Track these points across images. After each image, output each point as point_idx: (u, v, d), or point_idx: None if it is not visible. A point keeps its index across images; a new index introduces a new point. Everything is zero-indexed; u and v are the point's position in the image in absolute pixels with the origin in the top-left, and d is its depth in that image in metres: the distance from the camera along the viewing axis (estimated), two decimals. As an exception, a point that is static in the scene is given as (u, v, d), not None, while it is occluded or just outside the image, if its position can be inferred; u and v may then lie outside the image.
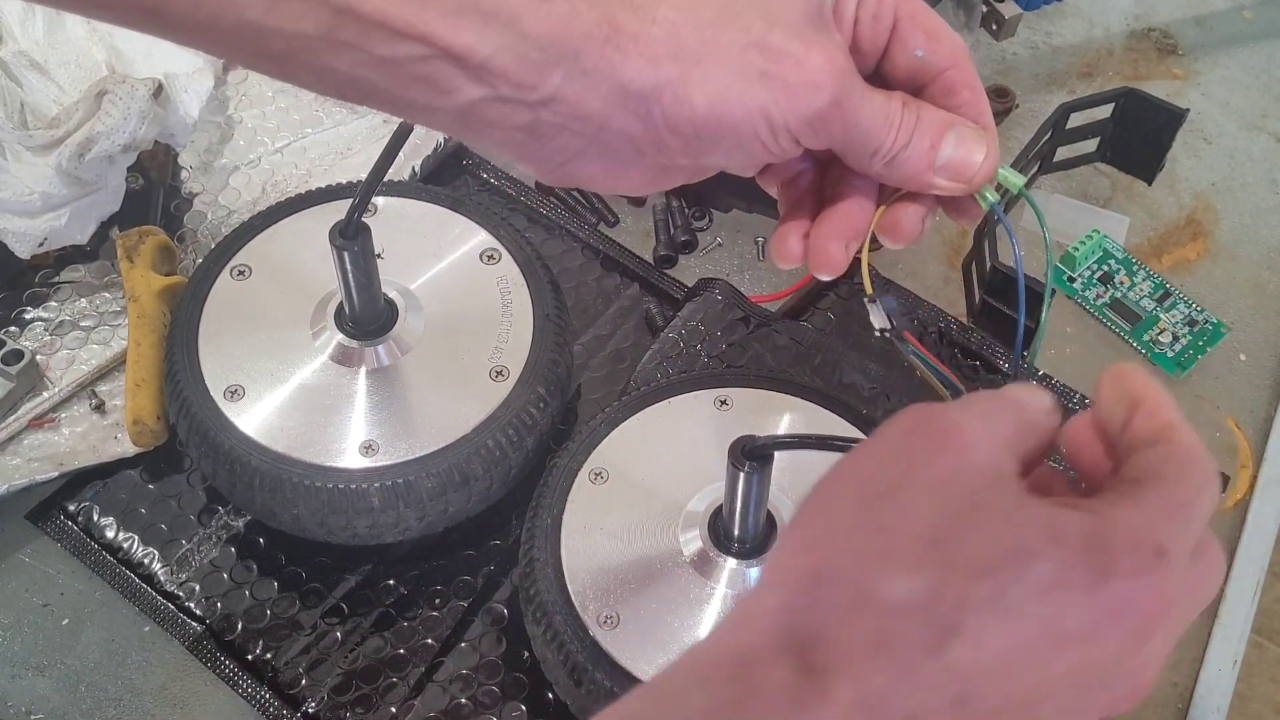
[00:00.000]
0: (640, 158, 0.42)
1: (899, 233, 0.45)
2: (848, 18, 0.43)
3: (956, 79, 0.44)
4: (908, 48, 0.43)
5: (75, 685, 0.61)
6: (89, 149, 0.68)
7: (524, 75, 0.39)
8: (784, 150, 0.42)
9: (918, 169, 0.43)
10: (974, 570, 0.30)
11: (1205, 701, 0.63)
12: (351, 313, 0.63)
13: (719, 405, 0.64)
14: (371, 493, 0.59)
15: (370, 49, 0.38)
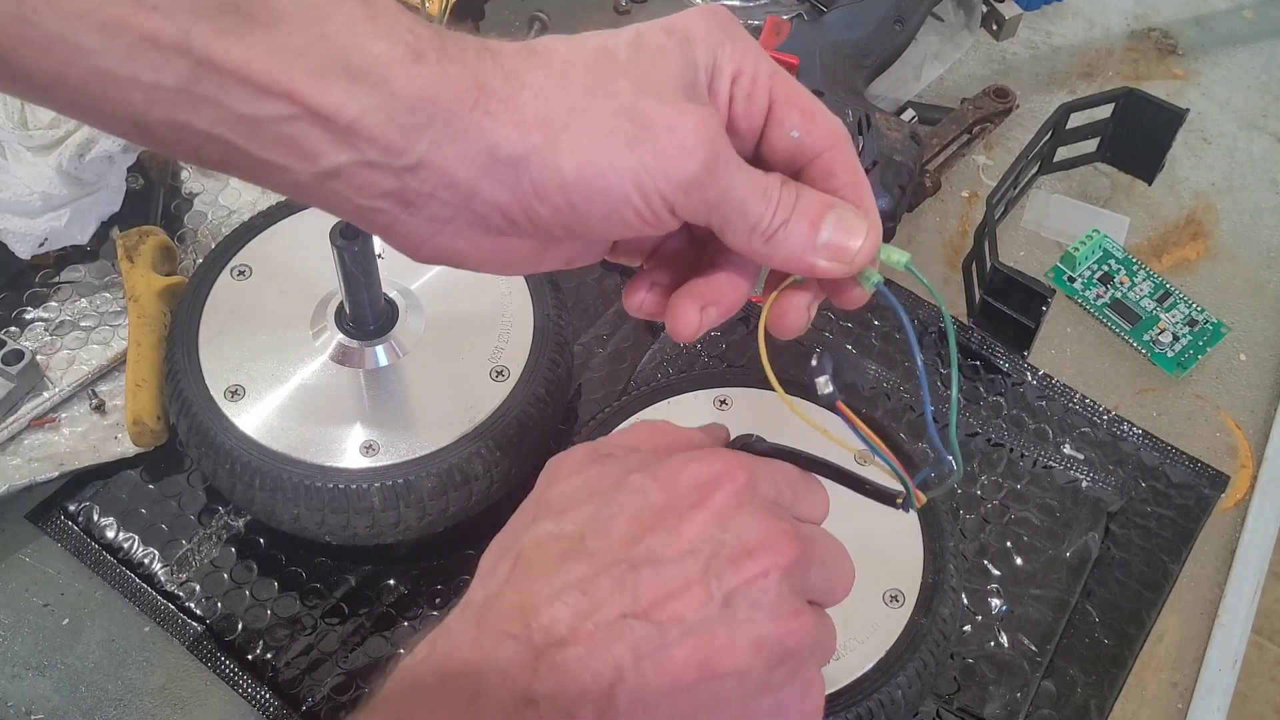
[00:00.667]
0: (513, 229, 0.41)
1: (785, 323, 0.46)
2: (722, 95, 0.42)
3: (835, 161, 0.43)
4: (784, 128, 0.43)
5: (75, 685, 0.61)
6: (89, 149, 0.68)
7: (392, 138, 0.38)
8: (659, 220, 0.41)
9: (798, 249, 0.42)
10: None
11: (1205, 701, 0.63)
12: (352, 313, 0.63)
13: (719, 405, 0.64)
14: (372, 493, 0.59)
15: (231, 105, 0.36)
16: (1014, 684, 0.61)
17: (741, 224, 0.42)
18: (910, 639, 0.56)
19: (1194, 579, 0.68)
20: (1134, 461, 0.70)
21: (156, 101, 0.36)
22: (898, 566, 0.58)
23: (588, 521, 0.41)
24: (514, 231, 0.41)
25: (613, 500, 0.42)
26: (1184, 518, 0.69)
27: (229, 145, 0.38)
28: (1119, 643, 0.64)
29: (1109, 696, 0.62)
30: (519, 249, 0.43)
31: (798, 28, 0.79)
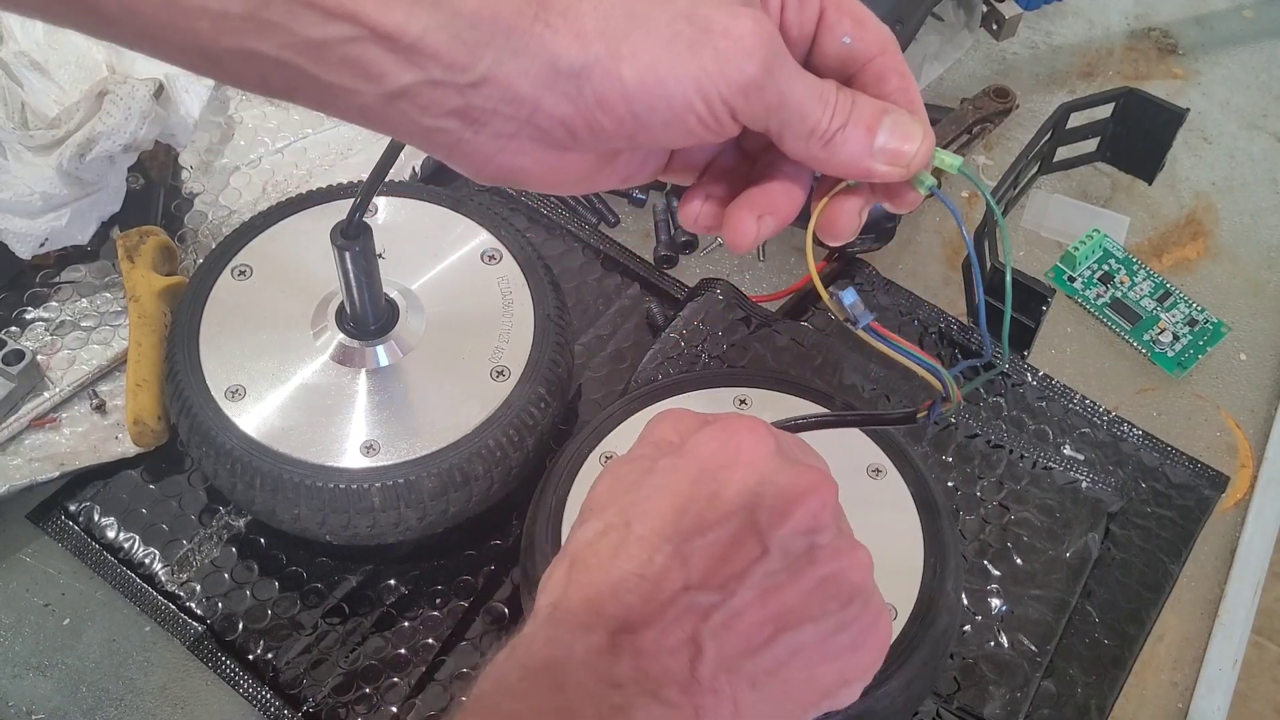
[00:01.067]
0: (574, 143, 0.41)
1: (837, 227, 0.45)
2: (774, 3, 0.43)
3: (886, 66, 0.43)
4: (835, 34, 0.43)
5: (76, 685, 0.61)
6: (90, 149, 0.68)
7: (455, 55, 0.38)
8: (719, 125, 0.41)
9: (855, 153, 0.42)
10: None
11: (1206, 701, 0.63)
12: (353, 313, 0.63)
13: (738, 404, 0.64)
14: (372, 492, 0.59)
15: (297, 30, 0.37)
16: (1014, 684, 0.61)
17: (800, 128, 0.42)
18: (901, 651, 0.55)
19: (1194, 578, 0.68)
20: (1134, 462, 0.70)
21: (224, 30, 0.37)
22: (895, 577, 0.57)
23: (630, 509, 0.43)
24: (575, 145, 0.41)
25: (648, 484, 0.43)
26: (1184, 518, 0.69)
27: (296, 70, 0.38)
28: (1119, 643, 0.64)
29: (1109, 696, 0.62)
30: (579, 164, 0.43)
31: (798, 28, 0.79)
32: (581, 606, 0.40)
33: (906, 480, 0.60)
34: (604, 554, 0.42)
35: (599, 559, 0.42)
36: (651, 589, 0.40)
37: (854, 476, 0.60)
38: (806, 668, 0.42)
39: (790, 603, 0.41)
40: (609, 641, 0.39)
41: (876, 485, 0.61)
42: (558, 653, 0.40)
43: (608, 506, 0.44)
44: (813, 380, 0.69)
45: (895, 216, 0.72)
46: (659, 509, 0.42)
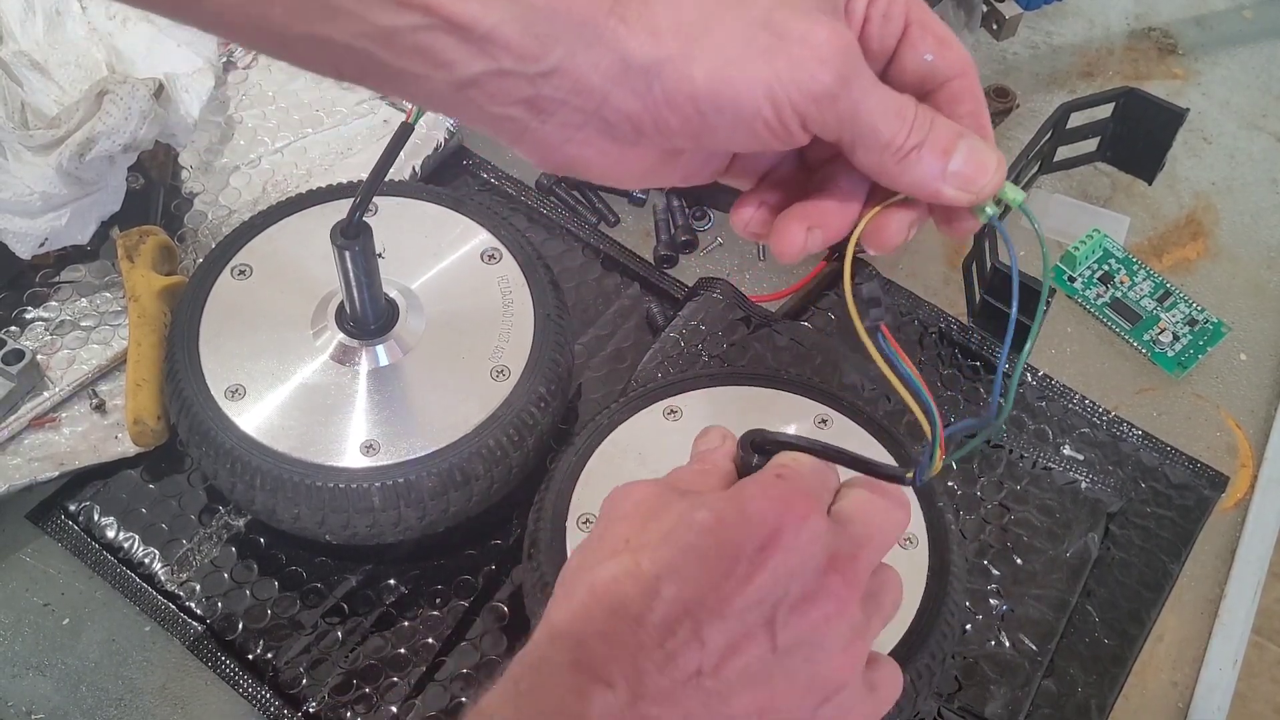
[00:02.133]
0: (640, 139, 0.41)
1: (884, 237, 0.45)
2: (858, 14, 0.42)
3: (963, 89, 0.43)
4: (918, 50, 0.43)
5: (76, 685, 0.61)
6: (90, 149, 0.68)
7: (527, 46, 0.38)
8: (788, 132, 0.40)
9: (928, 174, 0.42)
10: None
11: (1206, 701, 0.63)
12: (352, 312, 0.63)
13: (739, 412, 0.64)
14: (372, 492, 0.59)
15: (369, 17, 0.37)
16: (1015, 683, 0.61)
17: (873, 141, 0.41)
18: (906, 651, 0.55)
19: (1194, 579, 0.68)
20: (1133, 462, 0.70)
21: (297, 15, 0.37)
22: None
23: (659, 560, 0.42)
24: (640, 141, 0.41)
25: (682, 535, 0.43)
26: (1184, 518, 0.68)
27: (368, 57, 0.38)
28: (1119, 642, 0.64)
29: (1110, 696, 0.62)
30: (642, 159, 0.43)
31: (798, 27, 0.79)
32: (604, 660, 0.41)
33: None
34: (629, 603, 0.41)
35: (624, 606, 0.41)
36: (668, 663, 0.40)
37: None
38: None
39: (778, 699, 0.42)
40: (621, 709, 0.40)
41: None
42: (577, 707, 0.40)
43: (640, 550, 0.43)
44: (817, 381, 0.69)
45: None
46: (690, 573, 0.42)
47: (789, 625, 0.42)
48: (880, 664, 0.46)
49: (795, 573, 0.42)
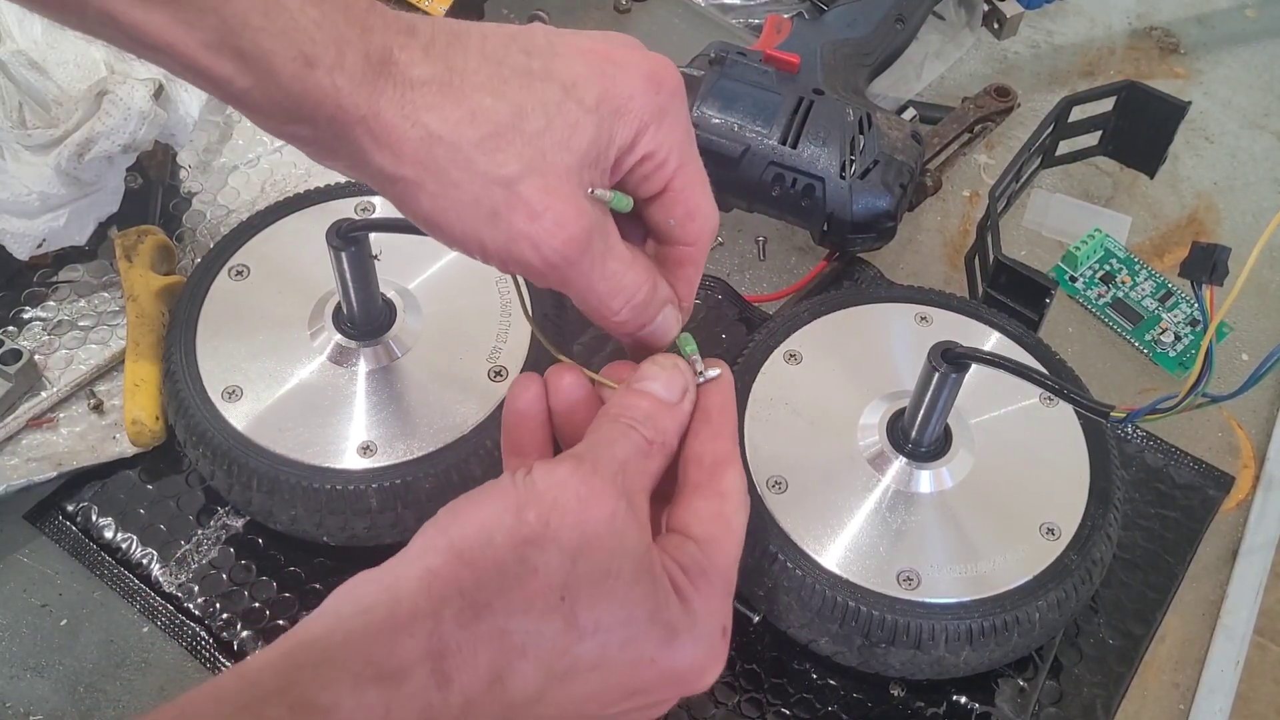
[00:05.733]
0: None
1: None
2: (624, 168, 0.45)
3: (689, 256, 0.48)
4: (664, 212, 0.46)
5: (74, 686, 0.61)
6: (88, 149, 0.67)
7: (274, 116, 0.41)
8: (508, 270, 0.45)
9: (624, 331, 0.48)
10: (589, 630, 0.40)
11: (1207, 702, 0.63)
12: (349, 313, 0.63)
13: (919, 320, 0.68)
14: (370, 494, 0.59)
15: (136, 50, 0.40)
16: (1023, 680, 0.61)
17: (588, 302, 0.46)
18: (1057, 572, 0.58)
19: (1196, 579, 0.67)
20: (1137, 463, 0.70)
21: (87, 21, 0.40)
22: (1060, 501, 0.60)
23: (565, 672, 0.41)
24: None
25: (601, 657, 0.41)
26: (1189, 519, 0.68)
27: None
28: (1125, 643, 0.64)
29: (1115, 696, 0.62)
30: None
31: (798, 26, 0.79)
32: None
33: (1076, 412, 0.64)
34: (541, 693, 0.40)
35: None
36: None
37: (1029, 403, 0.64)
38: None
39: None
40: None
41: (1049, 413, 0.64)
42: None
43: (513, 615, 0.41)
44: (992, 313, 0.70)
45: (895, 216, 0.71)
46: (594, 694, 0.41)
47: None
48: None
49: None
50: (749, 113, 0.72)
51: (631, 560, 0.41)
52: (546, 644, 0.39)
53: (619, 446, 0.44)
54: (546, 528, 0.40)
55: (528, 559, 0.40)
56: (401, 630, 0.39)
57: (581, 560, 0.40)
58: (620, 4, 0.93)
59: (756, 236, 0.80)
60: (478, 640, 0.39)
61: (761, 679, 0.61)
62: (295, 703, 0.37)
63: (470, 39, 0.43)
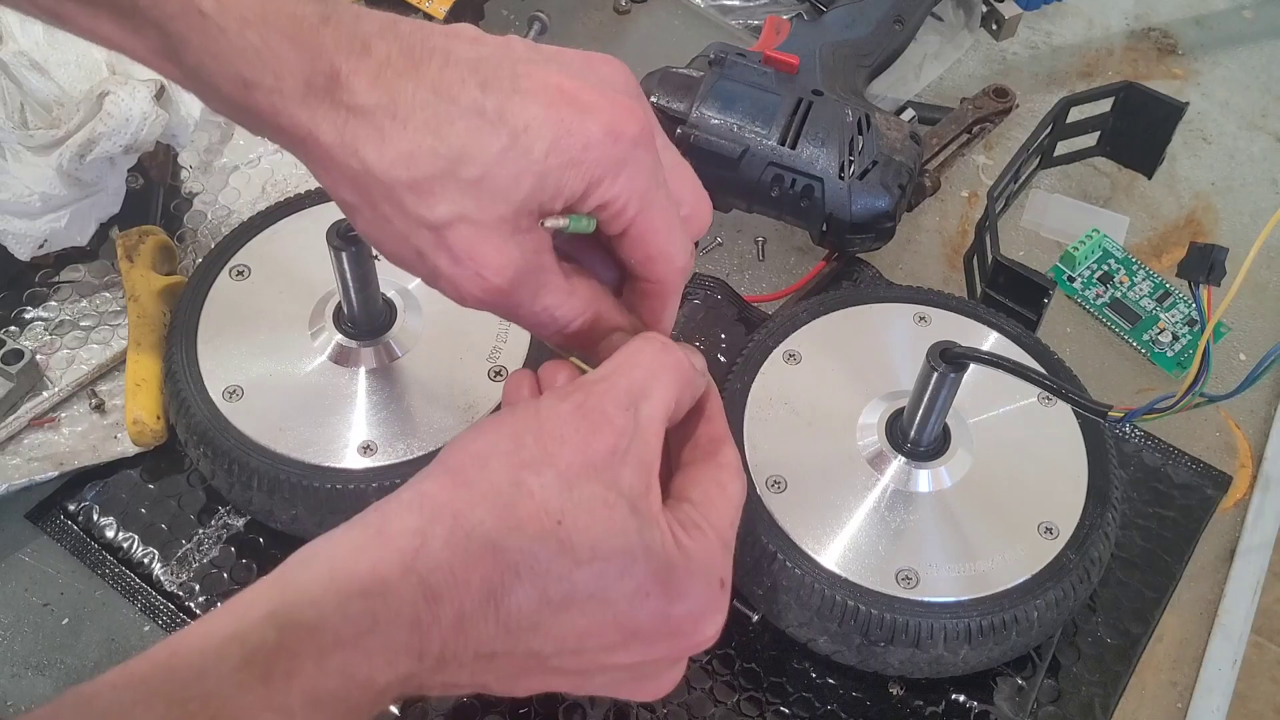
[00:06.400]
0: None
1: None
2: (583, 210, 0.45)
3: (654, 292, 0.47)
4: (626, 252, 0.46)
5: (75, 685, 0.61)
6: (90, 150, 0.68)
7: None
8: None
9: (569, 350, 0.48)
10: (585, 557, 0.39)
11: (1205, 701, 0.63)
12: (350, 313, 0.63)
13: (917, 320, 0.68)
14: (370, 493, 0.59)
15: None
16: (1021, 678, 0.61)
17: (530, 325, 0.47)
18: (1055, 571, 0.58)
19: (1194, 579, 0.67)
20: (1135, 462, 0.70)
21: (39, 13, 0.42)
22: (1058, 501, 0.61)
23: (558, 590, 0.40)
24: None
25: (601, 619, 0.41)
26: (1186, 518, 0.68)
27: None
28: (1123, 642, 0.64)
29: (1113, 695, 0.62)
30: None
31: (797, 27, 0.79)
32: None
33: (1075, 412, 0.64)
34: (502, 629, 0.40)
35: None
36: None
37: (1027, 403, 0.65)
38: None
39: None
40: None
41: (1047, 413, 0.64)
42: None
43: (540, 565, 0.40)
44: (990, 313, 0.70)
45: (894, 217, 0.72)
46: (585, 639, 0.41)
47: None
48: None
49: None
50: (748, 113, 0.72)
51: (630, 496, 0.40)
52: (541, 566, 0.39)
53: (638, 373, 0.43)
54: (544, 454, 0.40)
55: (523, 482, 0.39)
56: (388, 545, 0.38)
57: (578, 488, 0.40)
58: (620, 5, 0.93)
59: (756, 237, 0.80)
60: (469, 557, 0.38)
61: (760, 678, 0.62)
62: (283, 623, 0.37)
63: (428, 65, 0.41)
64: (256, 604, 0.37)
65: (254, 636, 0.36)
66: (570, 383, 0.44)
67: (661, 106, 0.73)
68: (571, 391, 0.42)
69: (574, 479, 0.40)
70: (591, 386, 0.42)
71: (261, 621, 0.37)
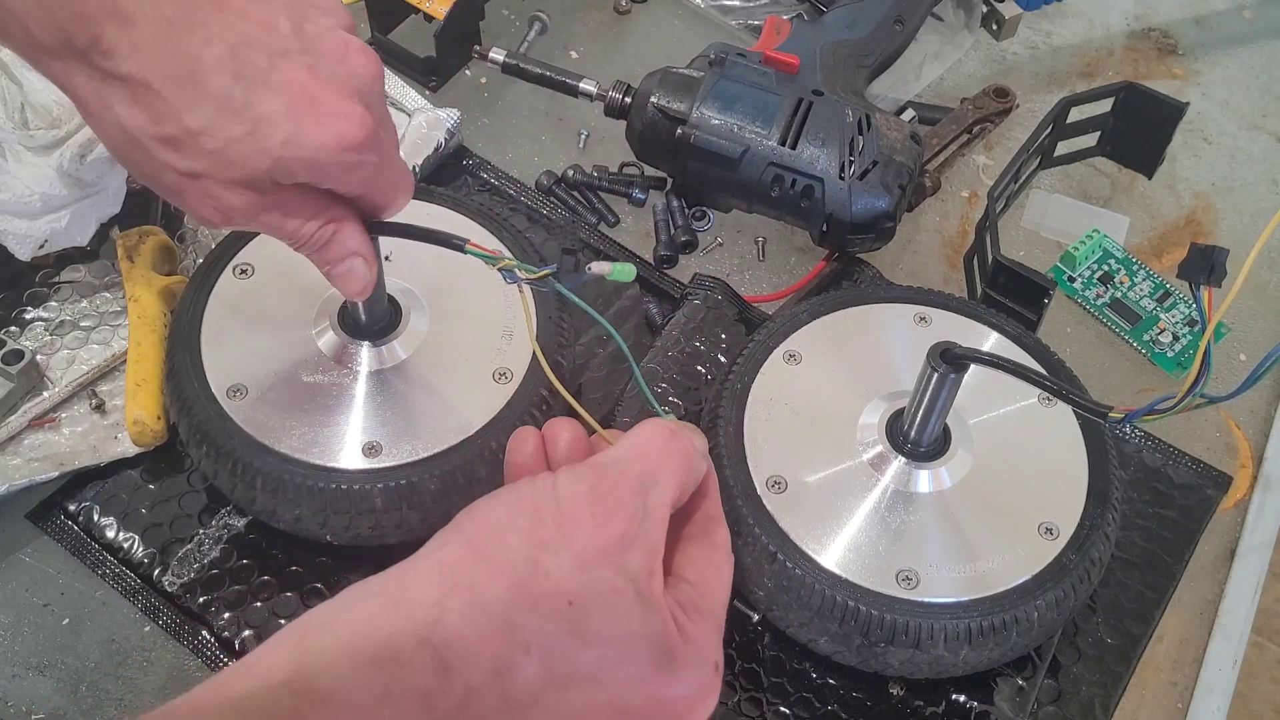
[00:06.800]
0: None
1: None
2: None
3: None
4: (363, 206, 0.52)
5: (76, 685, 0.61)
6: (90, 150, 0.68)
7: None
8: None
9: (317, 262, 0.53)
10: (592, 639, 0.40)
11: (1205, 701, 0.63)
12: (355, 313, 0.63)
13: (918, 321, 0.68)
14: (374, 494, 0.59)
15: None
16: (1021, 678, 0.61)
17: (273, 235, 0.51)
18: (1055, 571, 0.58)
19: (1194, 579, 0.68)
20: (1136, 463, 0.70)
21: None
22: (1058, 501, 0.61)
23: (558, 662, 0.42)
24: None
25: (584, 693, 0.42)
26: (1187, 518, 0.69)
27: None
28: (1123, 642, 0.64)
29: (1114, 695, 0.62)
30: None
31: (798, 27, 0.79)
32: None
33: (1075, 412, 0.64)
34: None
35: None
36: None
37: (1027, 403, 0.65)
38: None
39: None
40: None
41: (1047, 413, 0.64)
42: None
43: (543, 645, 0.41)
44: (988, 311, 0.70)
45: (895, 217, 0.72)
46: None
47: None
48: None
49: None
50: (748, 114, 0.72)
51: (637, 581, 0.42)
52: (550, 645, 0.40)
53: (648, 460, 0.45)
54: (562, 534, 0.41)
55: (540, 561, 0.41)
56: (405, 615, 0.39)
57: (590, 571, 0.41)
58: (620, 5, 0.93)
59: (756, 237, 0.80)
60: (484, 631, 0.39)
61: (761, 678, 0.62)
62: (300, 689, 0.38)
63: (189, 40, 0.44)
64: (276, 668, 0.39)
65: (270, 701, 0.38)
66: (584, 461, 0.45)
67: (661, 107, 0.73)
68: (587, 472, 0.44)
69: (587, 562, 0.41)
70: (605, 469, 0.44)
71: (279, 687, 0.38)
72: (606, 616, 0.41)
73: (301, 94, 0.45)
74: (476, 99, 0.87)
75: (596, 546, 0.41)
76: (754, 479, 0.61)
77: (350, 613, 0.40)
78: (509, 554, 0.41)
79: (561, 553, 0.41)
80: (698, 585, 0.45)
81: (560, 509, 0.42)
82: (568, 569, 0.41)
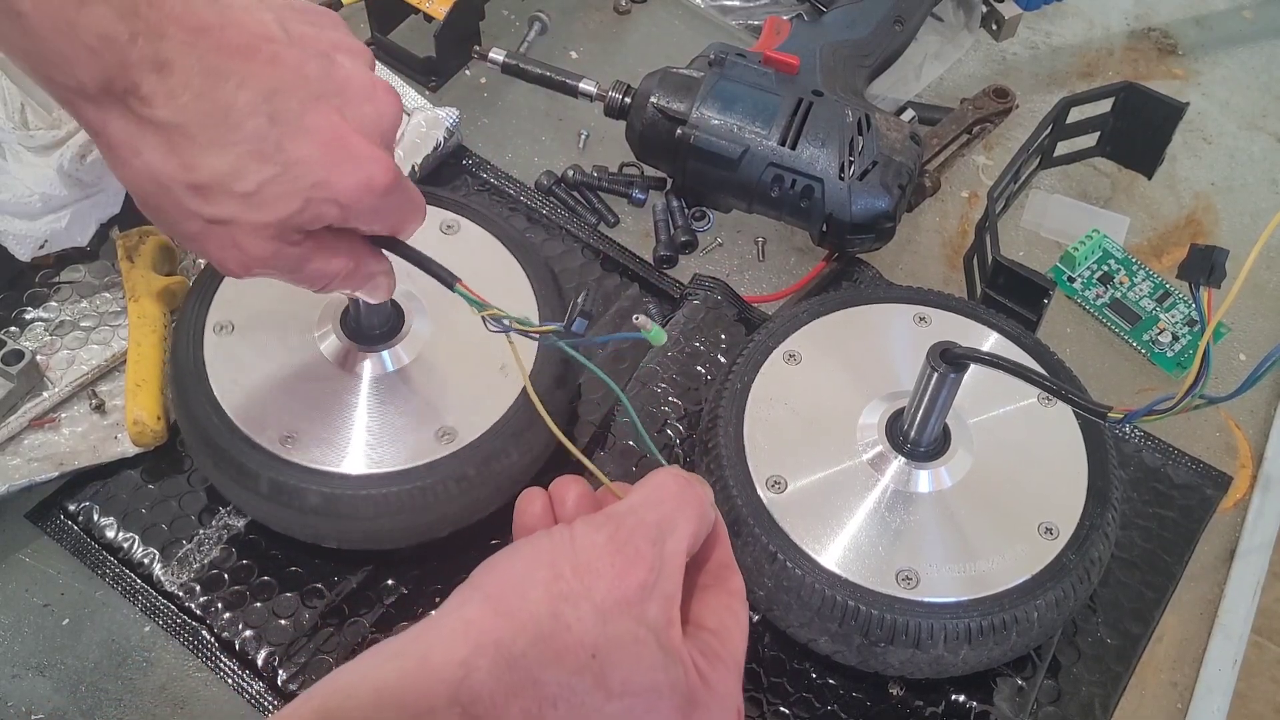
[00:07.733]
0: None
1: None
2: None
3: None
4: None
5: (75, 685, 0.61)
6: (90, 150, 0.68)
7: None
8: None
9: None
10: (617, 691, 0.40)
11: (1205, 701, 0.63)
12: (357, 317, 0.63)
13: (917, 321, 0.68)
14: (375, 498, 0.59)
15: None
16: (1021, 678, 0.61)
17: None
18: (1055, 571, 0.58)
19: (1194, 579, 0.68)
20: (1135, 463, 0.70)
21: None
22: (1058, 501, 0.61)
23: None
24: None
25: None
26: (1186, 518, 0.69)
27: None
28: (1123, 642, 0.64)
29: (1113, 694, 0.62)
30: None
31: (797, 28, 0.79)
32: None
33: (1075, 412, 0.64)
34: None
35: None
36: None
37: (1027, 403, 0.65)
38: None
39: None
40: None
41: (1047, 413, 0.64)
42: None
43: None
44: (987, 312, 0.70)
45: (894, 217, 0.72)
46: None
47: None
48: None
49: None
50: (748, 114, 0.72)
51: (658, 631, 0.42)
52: (577, 698, 0.40)
53: (664, 508, 0.45)
54: (582, 586, 0.41)
55: (561, 614, 0.41)
56: (432, 675, 0.39)
57: (612, 622, 0.41)
58: (620, 5, 0.93)
59: (756, 237, 0.80)
60: (510, 689, 0.39)
61: (761, 678, 0.62)
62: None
63: (224, 86, 0.44)
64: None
65: None
66: (600, 511, 0.45)
67: (661, 107, 0.73)
68: (604, 522, 0.43)
69: (608, 613, 0.41)
70: (622, 519, 0.44)
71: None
72: (630, 667, 0.41)
73: (334, 137, 0.47)
74: (476, 99, 0.87)
75: (616, 597, 0.41)
76: (754, 479, 0.61)
77: (376, 673, 0.40)
78: (530, 608, 0.41)
79: (582, 604, 0.41)
80: (718, 633, 0.45)
81: (579, 560, 0.42)
82: (589, 621, 0.41)
